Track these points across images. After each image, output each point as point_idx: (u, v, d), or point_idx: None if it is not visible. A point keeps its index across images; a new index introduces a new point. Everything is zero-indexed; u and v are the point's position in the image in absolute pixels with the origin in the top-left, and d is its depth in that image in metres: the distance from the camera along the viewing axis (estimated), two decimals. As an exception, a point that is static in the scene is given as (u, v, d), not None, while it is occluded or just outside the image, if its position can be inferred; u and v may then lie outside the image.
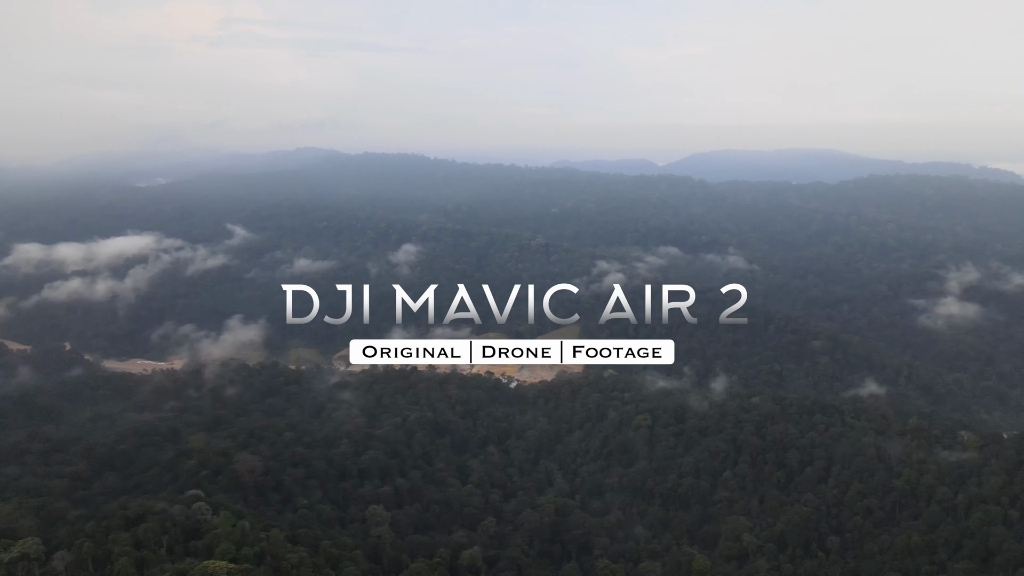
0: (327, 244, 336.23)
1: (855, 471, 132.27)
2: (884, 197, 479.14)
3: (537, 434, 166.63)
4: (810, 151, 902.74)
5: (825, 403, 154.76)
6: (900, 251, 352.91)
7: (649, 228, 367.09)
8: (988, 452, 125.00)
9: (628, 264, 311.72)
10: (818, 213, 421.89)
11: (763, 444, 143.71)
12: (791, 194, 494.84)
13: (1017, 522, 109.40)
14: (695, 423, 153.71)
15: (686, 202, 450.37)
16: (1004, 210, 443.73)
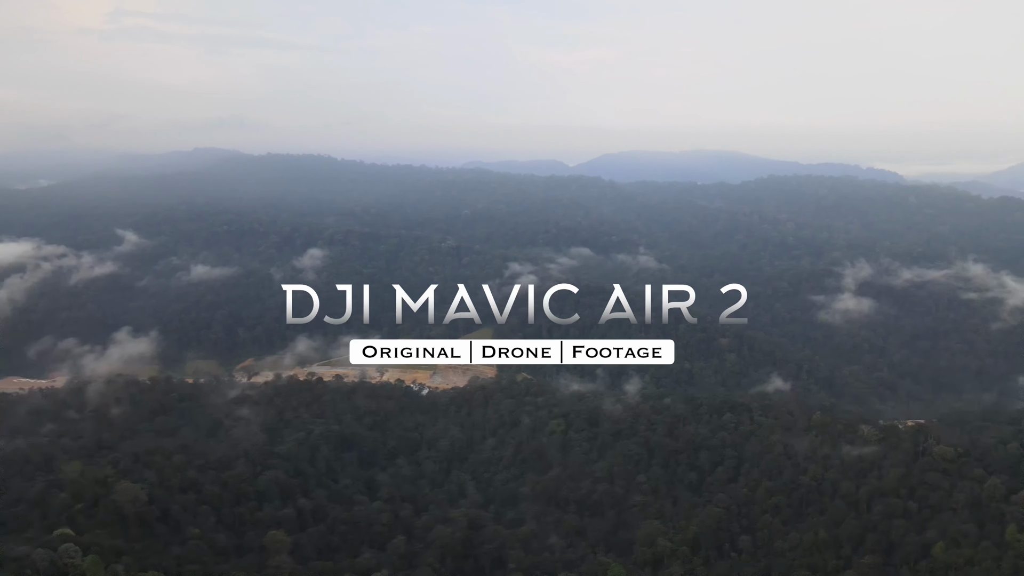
0: (227, 249, 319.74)
1: (764, 469, 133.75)
2: (783, 197, 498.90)
3: (449, 443, 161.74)
4: (714, 152, 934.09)
5: (734, 401, 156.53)
6: (799, 249, 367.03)
7: (560, 229, 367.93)
8: (887, 445, 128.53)
9: (540, 265, 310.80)
10: (723, 212, 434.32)
11: (676, 445, 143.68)
12: (697, 194, 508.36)
13: (915, 514, 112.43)
14: (608, 427, 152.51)
15: (597, 203, 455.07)
16: (890, 208, 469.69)
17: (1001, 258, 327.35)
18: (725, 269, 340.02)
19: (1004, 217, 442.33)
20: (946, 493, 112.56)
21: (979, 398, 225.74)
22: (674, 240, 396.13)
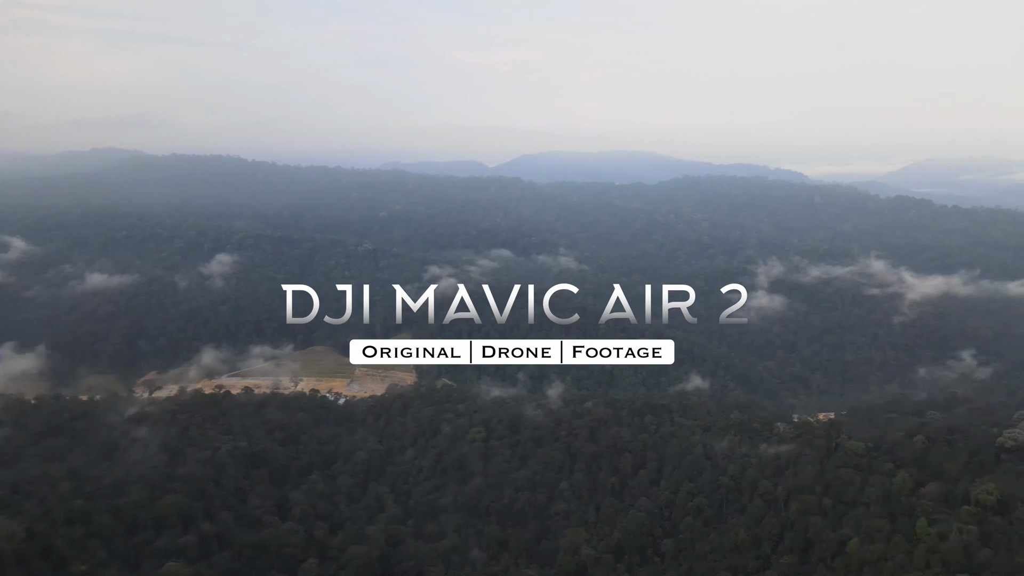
0: (127, 256, 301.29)
1: (685, 470, 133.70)
2: (697, 196, 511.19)
3: (366, 455, 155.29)
4: (631, 153, 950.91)
5: (655, 403, 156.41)
6: (714, 247, 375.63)
7: (480, 230, 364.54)
8: (802, 442, 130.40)
9: (460, 268, 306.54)
10: (640, 212, 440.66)
11: (597, 450, 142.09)
12: (615, 194, 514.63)
13: (831, 510, 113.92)
14: (530, 433, 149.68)
15: (516, 203, 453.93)
16: (798, 208, 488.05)
17: (899, 254, 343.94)
18: (643, 269, 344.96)
19: (900, 215, 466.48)
20: (859, 488, 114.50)
21: (883, 389, 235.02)
22: (593, 240, 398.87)
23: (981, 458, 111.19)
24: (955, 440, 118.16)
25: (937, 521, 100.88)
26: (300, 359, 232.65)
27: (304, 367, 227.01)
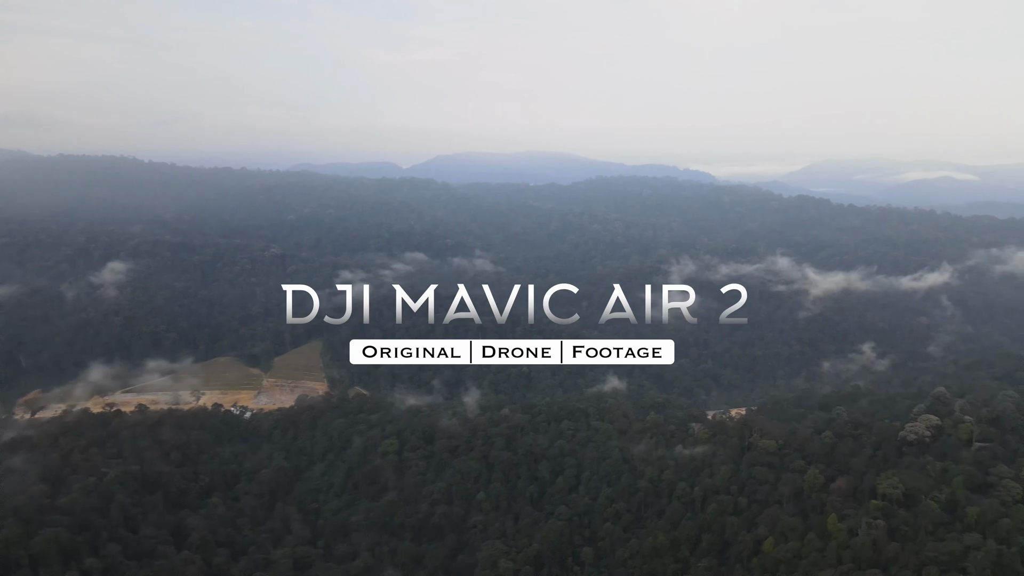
0: (7, 265, 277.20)
1: (603, 475, 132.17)
2: (611, 197, 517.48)
3: (272, 473, 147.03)
4: (545, 154, 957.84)
5: (572, 407, 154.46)
6: (628, 247, 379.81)
7: (393, 233, 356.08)
8: (717, 442, 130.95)
9: (373, 272, 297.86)
10: (555, 213, 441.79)
11: (515, 458, 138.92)
12: (530, 195, 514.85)
13: (746, 509, 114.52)
14: (445, 443, 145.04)
15: (430, 205, 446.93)
16: (706, 207, 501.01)
17: (802, 251, 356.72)
18: (559, 269, 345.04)
19: (801, 214, 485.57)
20: (772, 487, 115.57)
21: (790, 383, 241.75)
22: (509, 241, 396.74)
23: (885, 452, 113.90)
24: (860, 435, 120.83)
25: (847, 517, 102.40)
26: (202, 372, 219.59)
27: (206, 380, 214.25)
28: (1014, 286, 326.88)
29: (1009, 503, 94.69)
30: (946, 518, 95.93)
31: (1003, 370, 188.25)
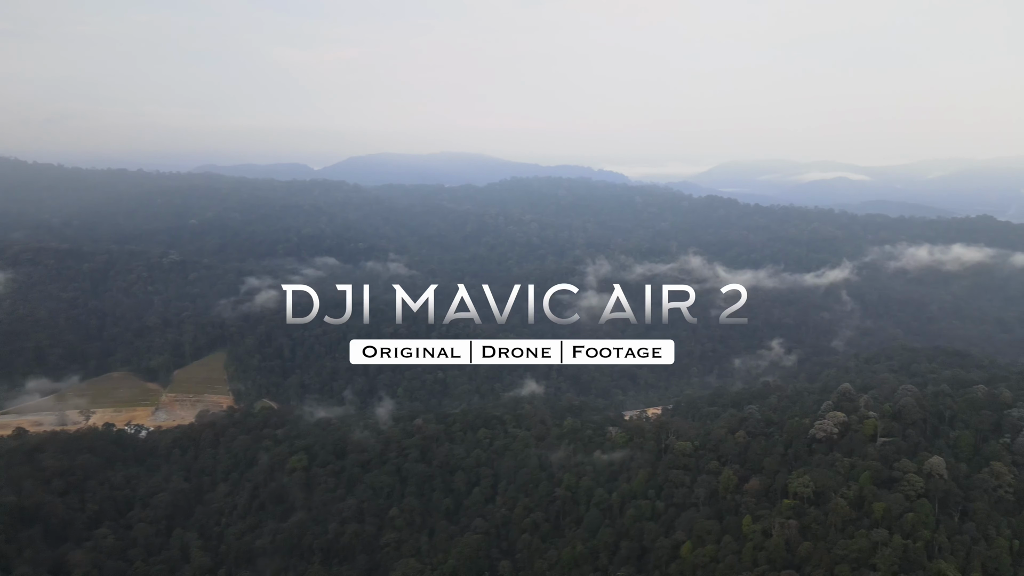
0: None
1: (521, 485, 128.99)
2: (526, 198, 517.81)
3: (170, 496, 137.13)
4: (460, 155, 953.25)
5: (488, 415, 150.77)
6: (544, 248, 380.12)
7: (303, 237, 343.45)
8: (634, 446, 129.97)
9: (282, 278, 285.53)
10: (471, 215, 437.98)
11: (429, 471, 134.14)
12: (445, 197, 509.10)
13: (663, 513, 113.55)
14: (356, 457, 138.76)
15: (342, 208, 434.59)
16: (620, 207, 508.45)
17: (712, 250, 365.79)
18: (475, 272, 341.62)
19: (710, 213, 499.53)
20: (688, 489, 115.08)
21: (704, 381, 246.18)
22: (424, 244, 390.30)
23: (796, 449, 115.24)
24: (772, 433, 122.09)
25: (761, 517, 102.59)
26: (91, 389, 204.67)
27: (96, 398, 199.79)
28: (906, 281, 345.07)
29: (913, 497, 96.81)
30: (854, 515, 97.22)
31: (899, 362, 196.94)
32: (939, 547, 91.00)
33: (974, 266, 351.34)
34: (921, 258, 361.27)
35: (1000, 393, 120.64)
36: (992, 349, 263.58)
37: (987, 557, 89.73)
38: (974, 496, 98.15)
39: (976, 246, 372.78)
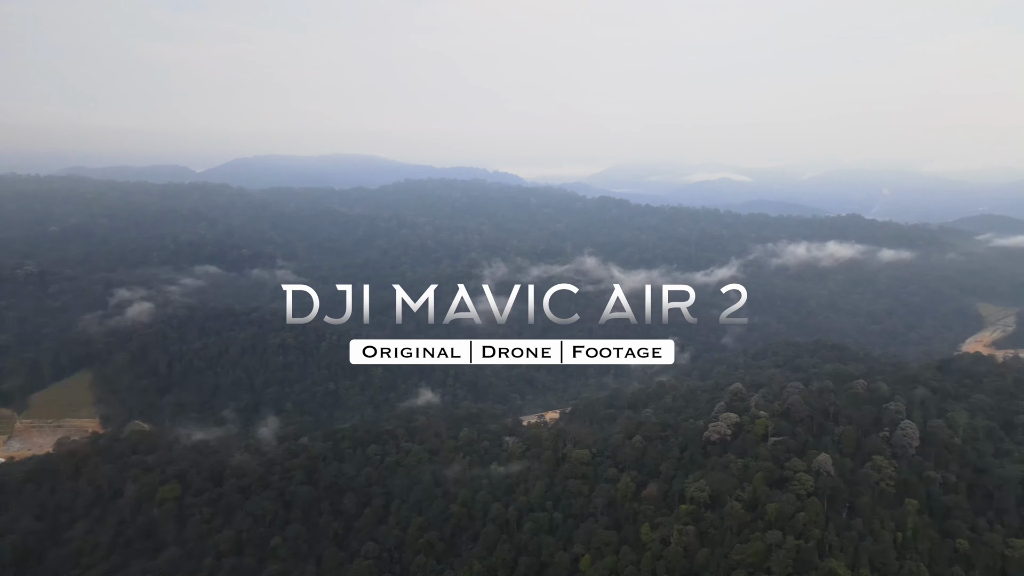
0: None
1: (414, 503, 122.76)
2: (420, 200, 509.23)
3: (19, 539, 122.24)
4: (352, 156, 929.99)
5: (379, 430, 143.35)
6: (438, 252, 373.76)
7: (180, 244, 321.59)
8: (531, 456, 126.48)
9: (157, 289, 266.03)
10: (362, 218, 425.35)
11: (316, 493, 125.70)
12: (335, 200, 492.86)
13: (561, 525, 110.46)
14: (235, 483, 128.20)
15: (224, 213, 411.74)
16: (515, 209, 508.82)
17: (606, 251, 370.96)
18: (367, 277, 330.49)
19: (604, 214, 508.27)
20: (587, 499, 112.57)
21: (601, 382, 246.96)
22: (314, 250, 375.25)
23: (691, 453, 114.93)
24: (668, 436, 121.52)
25: (659, 525, 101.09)
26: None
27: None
28: (787, 277, 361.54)
29: (803, 496, 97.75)
30: (749, 517, 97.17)
31: (784, 357, 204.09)
32: (829, 545, 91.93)
33: (847, 262, 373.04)
34: (800, 255, 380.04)
35: (878, 387, 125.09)
36: (865, 340, 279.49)
37: (874, 552, 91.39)
38: (859, 491, 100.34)
39: (848, 243, 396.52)
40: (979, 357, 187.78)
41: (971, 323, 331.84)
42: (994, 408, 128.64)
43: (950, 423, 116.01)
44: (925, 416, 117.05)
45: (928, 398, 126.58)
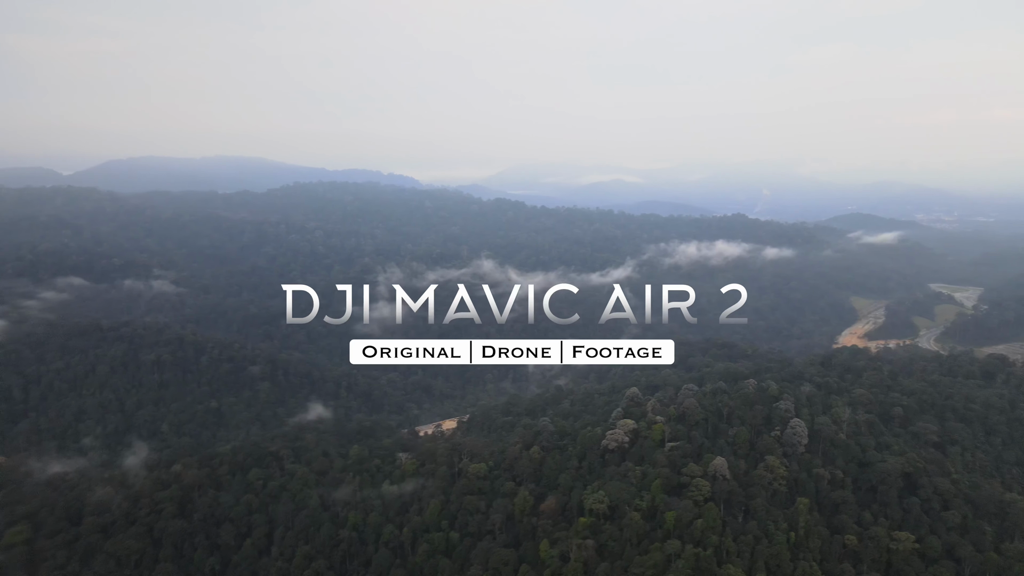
0: None
1: (300, 530, 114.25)
2: (310, 204, 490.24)
3: None
4: (237, 159, 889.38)
5: (262, 451, 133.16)
6: (330, 257, 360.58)
7: (39, 254, 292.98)
8: (425, 472, 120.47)
9: (11, 304, 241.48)
10: (248, 224, 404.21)
11: (189, 527, 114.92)
12: (219, 204, 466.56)
13: (458, 545, 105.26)
14: (95, 521, 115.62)
15: (92, 219, 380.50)
16: (410, 212, 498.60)
17: (503, 253, 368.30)
18: (254, 285, 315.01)
19: (500, 216, 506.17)
20: (484, 516, 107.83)
21: (499, 387, 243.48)
22: (194, 258, 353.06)
23: (590, 462, 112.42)
24: (566, 445, 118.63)
25: (558, 540, 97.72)
26: None
27: None
28: (678, 276, 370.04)
29: (701, 502, 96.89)
30: (648, 527, 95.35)
31: (677, 356, 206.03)
32: (727, 551, 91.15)
33: (734, 260, 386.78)
34: (691, 254, 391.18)
35: (768, 386, 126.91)
36: (752, 336, 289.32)
37: (769, 555, 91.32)
38: (753, 493, 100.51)
39: (735, 242, 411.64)
40: (856, 350, 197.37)
41: (846, 316, 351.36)
42: (873, 401, 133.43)
43: (835, 419, 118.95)
44: (812, 413, 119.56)
45: (814, 395, 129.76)
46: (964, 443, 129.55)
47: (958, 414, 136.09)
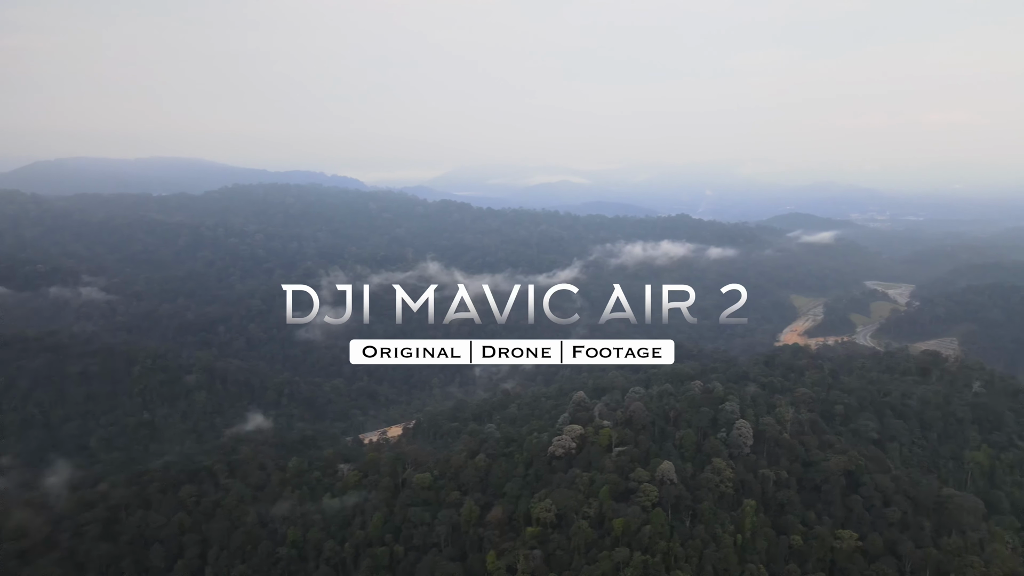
0: None
1: (235, 550, 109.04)
2: (250, 207, 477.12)
3: None
4: (172, 160, 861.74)
5: (195, 466, 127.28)
6: (270, 261, 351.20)
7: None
8: (368, 484, 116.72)
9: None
10: (184, 227, 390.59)
11: (116, 550, 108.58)
12: (153, 207, 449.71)
13: (403, 559, 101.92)
14: (12, 547, 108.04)
15: (14, 223, 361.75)
16: (354, 214, 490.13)
17: (449, 255, 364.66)
18: (190, 291, 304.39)
19: (445, 217, 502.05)
20: (429, 528, 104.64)
21: (446, 391, 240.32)
22: (127, 263, 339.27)
23: (537, 469, 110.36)
24: (512, 452, 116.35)
25: (505, 551, 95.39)
26: None
27: None
28: (625, 276, 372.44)
29: (648, 508, 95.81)
30: (596, 535, 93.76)
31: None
32: (675, 556, 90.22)
33: (679, 259, 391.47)
34: (637, 254, 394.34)
35: (714, 388, 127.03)
36: (697, 335, 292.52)
37: (716, 559, 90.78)
38: (701, 496, 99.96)
39: (680, 242, 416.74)
40: (798, 348, 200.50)
41: (787, 314, 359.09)
42: (815, 400, 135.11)
43: (779, 419, 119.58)
44: (757, 413, 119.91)
45: (758, 395, 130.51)
46: (902, 439, 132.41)
47: (896, 411, 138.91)
